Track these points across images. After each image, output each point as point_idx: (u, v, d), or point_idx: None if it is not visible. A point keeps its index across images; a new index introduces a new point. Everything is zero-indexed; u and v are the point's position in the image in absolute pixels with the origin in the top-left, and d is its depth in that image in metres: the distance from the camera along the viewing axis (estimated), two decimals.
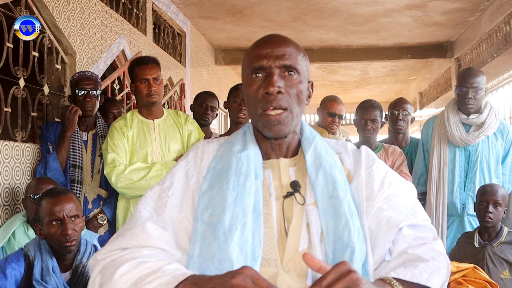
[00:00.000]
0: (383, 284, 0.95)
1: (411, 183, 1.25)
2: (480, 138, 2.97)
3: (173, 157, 2.77)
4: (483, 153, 2.98)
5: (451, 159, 3.04)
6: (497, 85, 6.29)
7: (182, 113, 2.97)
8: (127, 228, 1.11)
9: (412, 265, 1.02)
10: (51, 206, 2.02)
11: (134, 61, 2.88)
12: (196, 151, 1.23)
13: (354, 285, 0.84)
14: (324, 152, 1.18)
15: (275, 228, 1.11)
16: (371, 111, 3.07)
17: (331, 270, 0.86)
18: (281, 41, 1.17)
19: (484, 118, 2.96)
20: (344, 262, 0.88)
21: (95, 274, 1.04)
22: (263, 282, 0.84)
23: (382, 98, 12.13)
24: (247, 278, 0.84)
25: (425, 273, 1.00)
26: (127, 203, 2.75)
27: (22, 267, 1.98)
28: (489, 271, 2.46)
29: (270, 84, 1.11)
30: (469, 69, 3.07)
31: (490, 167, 2.98)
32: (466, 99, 2.93)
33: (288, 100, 1.13)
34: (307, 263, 0.90)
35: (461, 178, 3.02)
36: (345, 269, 0.85)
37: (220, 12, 6.03)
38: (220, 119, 8.02)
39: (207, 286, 0.87)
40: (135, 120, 2.80)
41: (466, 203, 2.98)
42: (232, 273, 0.85)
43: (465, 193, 2.99)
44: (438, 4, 5.85)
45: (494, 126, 2.97)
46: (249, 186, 1.11)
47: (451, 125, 3.00)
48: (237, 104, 3.04)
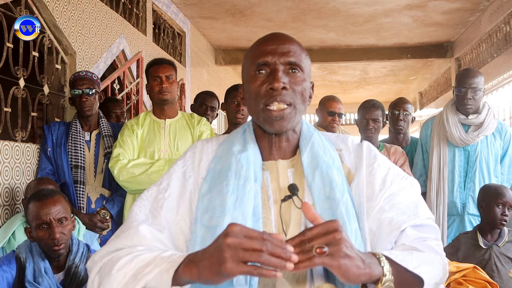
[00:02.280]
0: (371, 256, 0.95)
1: (414, 179, 1.22)
2: (479, 138, 2.98)
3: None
4: (482, 153, 3.00)
5: (450, 159, 3.06)
6: (497, 85, 6.29)
7: (197, 115, 3.01)
8: (123, 230, 1.10)
9: (406, 252, 1.02)
10: (38, 209, 1.99)
11: (150, 62, 2.95)
12: (194, 150, 1.22)
13: (335, 243, 0.88)
14: (322, 150, 1.16)
15: (273, 231, 1.10)
16: (372, 110, 3.08)
17: (319, 225, 0.90)
18: (286, 39, 1.16)
19: (483, 118, 2.98)
20: (334, 220, 0.91)
21: (93, 274, 1.04)
22: (253, 232, 0.87)
23: (382, 98, 12.12)
24: (239, 234, 0.87)
25: (415, 261, 0.98)
26: (134, 200, 2.75)
27: (14, 269, 1.97)
28: (498, 270, 2.48)
29: (275, 79, 1.10)
30: (467, 70, 3.09)
31: (489, 166, 3.00)
32: (465, 100, 2.95)
33: (292, 96, 1.12)
34: (304, 212, 0.95)
35: (461, 178, 3.03)
36: (332, 227, 0.89)
37: (220, 12, 6.03)
38: (220, 119, 8.01)
39: (203, 257, 0.90)
40: (147, 119, 2.86)
41: (467, 203, 3.00)
42: (223, 235, 0.88)
43: (465, 193, 3.01)
44: (438, 4, 5.85)
45: (492, 126, 2.99)
46: (249, 189, 1.10)
47: (450, 126, 3.02)
48: (234, 105, 3.05)
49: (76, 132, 2.91)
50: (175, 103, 2.93)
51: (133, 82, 4.57)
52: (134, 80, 4.58)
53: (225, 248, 0.86)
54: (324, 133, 1.25)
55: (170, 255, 0.97)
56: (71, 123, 2.96)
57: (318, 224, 0.91)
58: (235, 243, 0.85)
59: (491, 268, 2.47)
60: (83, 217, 2.73)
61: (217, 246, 0.88)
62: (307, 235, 0.89)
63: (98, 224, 2.77)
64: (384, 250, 1.01)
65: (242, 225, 0.88)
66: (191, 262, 0.92)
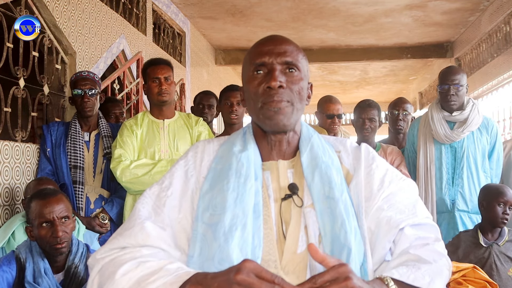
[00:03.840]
0: (381, 284, 0.95)
1: (412, 180, 1.24)
2: (464, 134, 3.00)
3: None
4: (469, 149, 3.01)
5: (437, 156, 3.07)
6: (497, 85, 6.30)
7: (194, 115, 3.01)
8: (126, 227, 1.10)
9: (414, 266, 1.01)
10: (41, 208, 1.99)
11: (147, 62, 2.93)
12: (196, 150, 1.23)
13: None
14: (321, 151, 1.18)
15: (274, 230, 1.11)
16: (368, 110, 3.08)
17: (330, 270, 0.87)
18: (283, 40, 1.18)
19: (467, 114, 3.00)
20: (344, 264, 0.88)
21: (94, 273, 1.04)
22: (266, 274, 0.85)
23: (382, 98, 12.13)
24: (250, 273, 0.85)
25: (427, 276, 0.99)
26: (134, 200, 2.75)
27: (14, 269, 1.97)
28: (497, 269, 2.50)
29: (272, 78, 1.12)
30: (449, 67, 3.13)
31: (476, 162, 3.01)
32: (448, 96, 2.98)
33: (289, 94, 1.14)
34: (311, 254, 0.92)
35: (449, 175, 3.04)
36: (343, 273, 0.87)
37: (220, 12, 6.03)
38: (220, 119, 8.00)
39: (211, 284, 0.88)
40: (145, 119, 2.85)
41: (456, 199, 3.00)
42: (235, 269, 0.86)
43: (453, 189, 3.02)
44: (438, 4, 5.86)
45: (477, 121, 3.01)
46: (249, 187, 1.11)
47: (435, 123, 3.04)
48: (228, 106, 3.06)
49: (75, 133, 2.91)
50: (172, 103, 2.93)
51: (133, 82, 4.57)
52: (134, 80, 4.58)
53: (235, 285, 0.84)
54: (323, 136, 1.27)
55: (176, 268, 0.97)
56: (71, 123, 2.96)
57: (329, 269, 0.88)
58: (246, 282, 0.84)
59: (491, 267, 2.48)
60: (81, 220, 2.73)
61: (227, 279, 0.86)
62: (318, 283, 0.86)
63: (96, 228, 2.77)
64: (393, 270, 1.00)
65: (256, 263, 0.87)
66: (198, 285, 0.91)
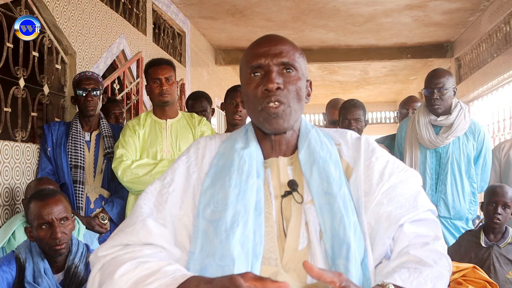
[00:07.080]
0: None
1: (415, 171, 1.23)
2: (449, 140, 2.92)
3: None
4: (453, 155, 2.93)
5: (422, 161, 3.00)
6: (497, 85, 6.30)
7: (197, 115, 3.00)
8: (128, 224, 1.10)
9: (416, 270, 1.00)
10: (39, 209, 1.99)
11: (148, 62, 2.93)
12: (198, 146, 1.23)
13: None
14: (319, 146, 1.17)
15: (275, 227, 1.11)
16: (354, 110, 3.04)
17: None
18: (278, 40, 1.17)
19: (452, 119, 2.92)
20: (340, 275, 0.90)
21: (95, 271, 1.05)
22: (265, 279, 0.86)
23: (382, 98, 12.14)
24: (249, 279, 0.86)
25: (429, 282, 0.99)
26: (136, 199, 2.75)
27: (14, 270, 1.97)
28: (495, 271, 2.48)
29: (269, 81, 1.11)
30: (434, 70, 3.05)
31: (461, 168, 2.93)
32: (432, 100, 2.91)
33: (287, 95, 1.13)
34: (307, 272, 0.90)
35: (432, 181, 2.97)
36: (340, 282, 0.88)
37: (220, 12, 6.03)
38: (220, 119, 8.01)
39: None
40: (148, 119, 2.85)
41: (438, 205, 2.93)
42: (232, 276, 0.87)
43: (436, 195, 2.94)
44: (438, 4, 5.85)
45: (463, 127, 2.93)
46: (251, 184, 1.11)
47: (421, 127, 2.97)
48: (232, 106, 3.05)
49: (76, 132, 2.91)
50: (175, 103, 2.93)
51: (133, 82, 4.57)
52: (134, 80, 4.58)
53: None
54: (323, 129, 1.26)
55: (174, 270, 0.97)
56: (71, 123, 2.96)
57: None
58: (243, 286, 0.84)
59: (489, 268, 2.47)
60: (81, 220, 2.73)
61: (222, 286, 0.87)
62: None
63: (96, 227, 2.77)
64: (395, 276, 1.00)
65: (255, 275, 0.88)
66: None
